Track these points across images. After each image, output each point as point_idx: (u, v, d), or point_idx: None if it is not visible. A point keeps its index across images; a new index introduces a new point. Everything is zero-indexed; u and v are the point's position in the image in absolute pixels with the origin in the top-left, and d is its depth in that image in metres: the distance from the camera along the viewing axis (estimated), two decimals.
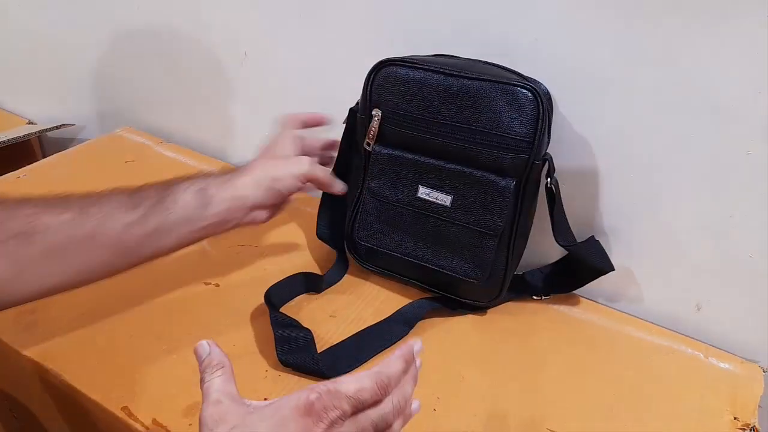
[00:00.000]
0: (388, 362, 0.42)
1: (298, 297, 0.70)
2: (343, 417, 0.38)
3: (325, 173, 0.65)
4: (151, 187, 0.56)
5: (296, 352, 0.60)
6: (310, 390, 0.39)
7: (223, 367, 0.42)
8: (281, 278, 0.70)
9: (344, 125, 0.72)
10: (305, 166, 0.62)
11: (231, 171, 0.61)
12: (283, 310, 0.67)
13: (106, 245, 0.52)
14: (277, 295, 0.68)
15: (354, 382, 0.40)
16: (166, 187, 0.57)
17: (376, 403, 0.40)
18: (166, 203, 0.55)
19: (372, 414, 0.40)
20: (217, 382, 0.41)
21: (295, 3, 0.78)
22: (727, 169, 0.61)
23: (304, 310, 0.68)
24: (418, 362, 0.44)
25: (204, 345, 0.43)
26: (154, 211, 0.54)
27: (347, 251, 0.75)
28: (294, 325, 0.64)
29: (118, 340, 0.62)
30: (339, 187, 0.68)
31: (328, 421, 0.38)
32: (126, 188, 0.56)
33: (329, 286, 0.72)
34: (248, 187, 0.59)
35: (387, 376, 0.41)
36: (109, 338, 0.62)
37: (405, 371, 0.42)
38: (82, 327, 0.63)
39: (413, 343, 0.44)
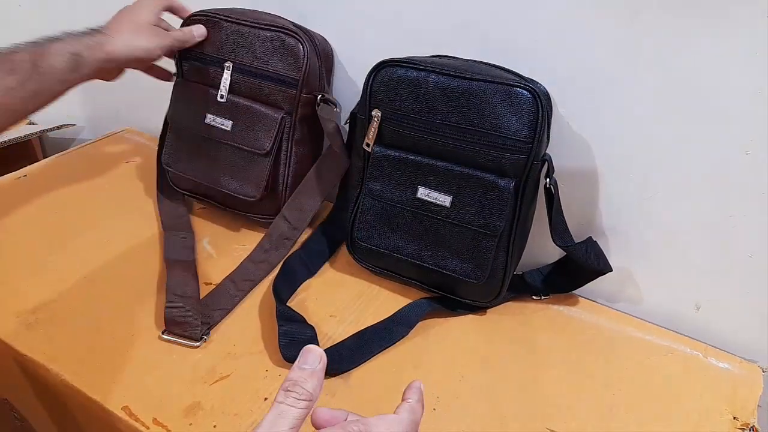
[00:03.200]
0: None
1: (298, 297, 0.70)
2: None
3: (183, 35, 0.73)
4: (23, 50, 0.59)
5: (299, 347, 0.60)
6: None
7: (311, 400, 0.36)
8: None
9: (346, 126, 0.72)
10: (168, 41, 0.71)
11: (99, 32, 0.67)
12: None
13: None
14: (284, 288, 0.69)
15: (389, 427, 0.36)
16: (40, 50, 0.60)
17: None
18: (42, 68, 0.59)
19: None
20: (296, 413, 0.35)
21: (296, 4, 0.78)
22: (727, 169, 0.61)
23: (304, 309, 0.68)
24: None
25: (315, 355, 0.38)
26: (31, 76, 0.58)
27: (348, 252, 0.75)
28: (298, 320, 0.64)
29: (118, 340, 0.62)
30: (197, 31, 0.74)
31: None
32: None
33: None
34: (119, 54, 0.66)
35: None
36: (109, 338, 0.62)
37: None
38: (82, 327, 0.63)
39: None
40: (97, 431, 0.61)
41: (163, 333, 0.63)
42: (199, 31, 0.74)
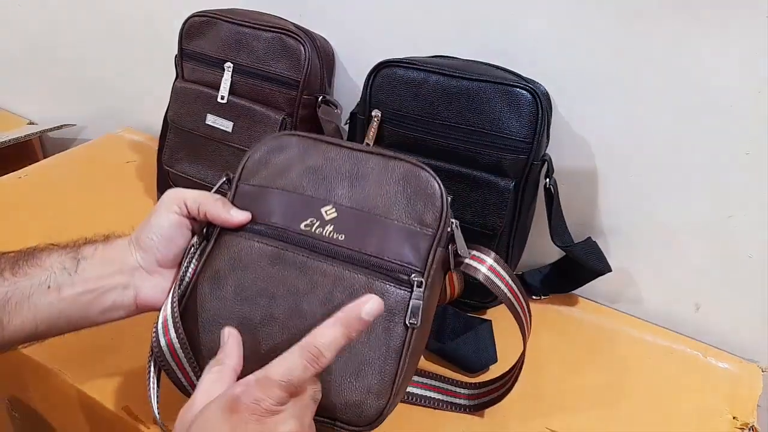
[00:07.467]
0: (320, 330, 0.39)
1: None
2: (280, 403, 0.37)
3: (205, 194, 0.49)
4: (12, 251, 0.47)
5: None
6: (237, 384, 0.38)
7: (220, 365, 0.41)
8: None
9: (346, 127, 0.72)
10: (168, 192, 0.49)
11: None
12: None
13: None
14: None
15: (281, 364, 0.38)
16: (30, 250, 0.47)
17: (313, 379, 0.39)
18: (23, 267, 0.45)
19: (310, 391, 0.39)
20: (206, 379, 0.40)
21: (296, 4, 0.79)
22: (727, 169, 0.61)
23: None
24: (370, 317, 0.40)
25: (223, 333, 0.43)
26: (4, 276, 0.44)
27: None
28: None
29: (118, 340, 0.62)
30: (236, 213, 0.49)
31: (261, 411, 0.36)
32: None
33: None
34: (121, 248, 0.48)
35: (316, 346, 0.38)
36: (109, 338, 0.62)
37: (345, 337, 0.39)
38: None
39: (366, 302, 0.39)
40: (97, 431, 0.61)
41: None
42: (239, 216, 0.49)
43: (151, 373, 0.48)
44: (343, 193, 0.48)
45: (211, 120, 0.75)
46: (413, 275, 0.46)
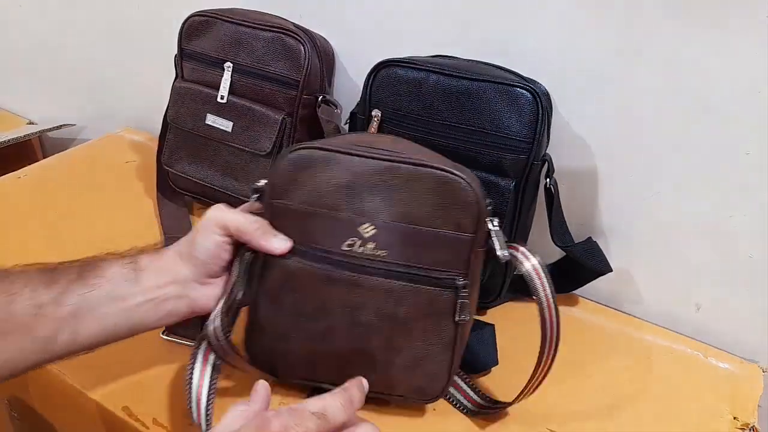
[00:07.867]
0: (348, 384, 0.43)
1: None
2: None
3: (246, 221, 0.50)
4: (74, 262, 0.50)
5: None
6: (270, 410, 0.39)
7: (246, 406, 0.42)
8: None
9: (346, 126, 0.72)
10: (210, 212, 0.52)
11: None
12: None
13: (14, 332, 0.45)
14: None
15: (318, 400, 0.40)
16: (92, 261, 0.50)
17: (344, 424, 0.40)
18: (89, 278, 0.48)
19: None
20: (230, 414, 0.41)
21: (296, 4, 0.79)
22: (727, 169, 0.61)
23: None
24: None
25: (257, 383, 0.44)
26: (73, 287, 0.47)
27: None
28: None
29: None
30: (277, 244, 0.50)
31: None
32: (44, 264, 0.49)
33: None
34: (172, 260, 0.51)
35: (351, 393, 0.42)
36: None
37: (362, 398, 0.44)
38: None
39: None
40: (97, 431, 0.61)
41: (163, 333, 0.63)
42: (278, 244, 0.50)
43: (195, 369, 0.51)
44: (377, 208, 0.49)
45: (211, 120, 0.75)
46: (458, 279, 0.50)
